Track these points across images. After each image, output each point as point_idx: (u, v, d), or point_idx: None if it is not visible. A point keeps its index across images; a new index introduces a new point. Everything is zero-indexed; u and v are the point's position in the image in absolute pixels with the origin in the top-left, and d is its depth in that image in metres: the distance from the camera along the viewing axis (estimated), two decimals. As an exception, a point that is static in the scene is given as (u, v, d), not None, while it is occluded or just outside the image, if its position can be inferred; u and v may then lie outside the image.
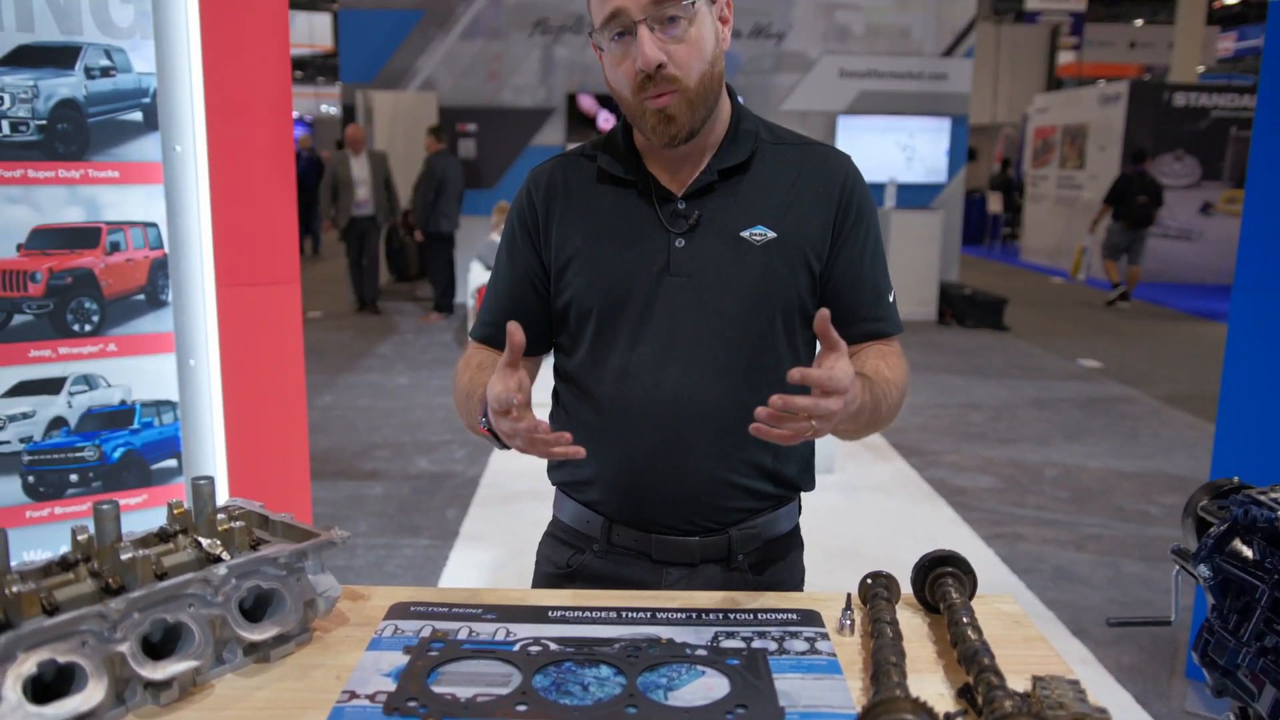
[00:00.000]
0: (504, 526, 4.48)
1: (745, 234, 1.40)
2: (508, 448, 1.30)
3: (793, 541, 1.55)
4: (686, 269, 1.39)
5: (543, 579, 1.57)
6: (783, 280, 1.40)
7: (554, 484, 1.57)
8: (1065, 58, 21.52)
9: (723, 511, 1.43)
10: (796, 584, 1.55)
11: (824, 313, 1.13)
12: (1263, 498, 1.11)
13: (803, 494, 1.55)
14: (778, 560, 1.51)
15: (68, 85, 2.10)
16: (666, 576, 1.45)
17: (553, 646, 1.12)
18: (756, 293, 1.40)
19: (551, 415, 1.55)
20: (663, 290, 1.40)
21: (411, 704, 1.00)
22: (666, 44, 1.31)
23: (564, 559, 1.53)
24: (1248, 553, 1.12)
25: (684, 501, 1.42)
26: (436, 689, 1.03)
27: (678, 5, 1.30)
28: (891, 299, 1.48)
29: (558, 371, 1.53)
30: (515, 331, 1.19)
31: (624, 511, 1.45)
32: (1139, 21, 23.65)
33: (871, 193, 1.49)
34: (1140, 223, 11.34)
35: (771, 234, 1.39)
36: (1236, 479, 1.27)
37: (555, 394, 1.54)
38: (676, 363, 1.40)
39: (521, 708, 0.99)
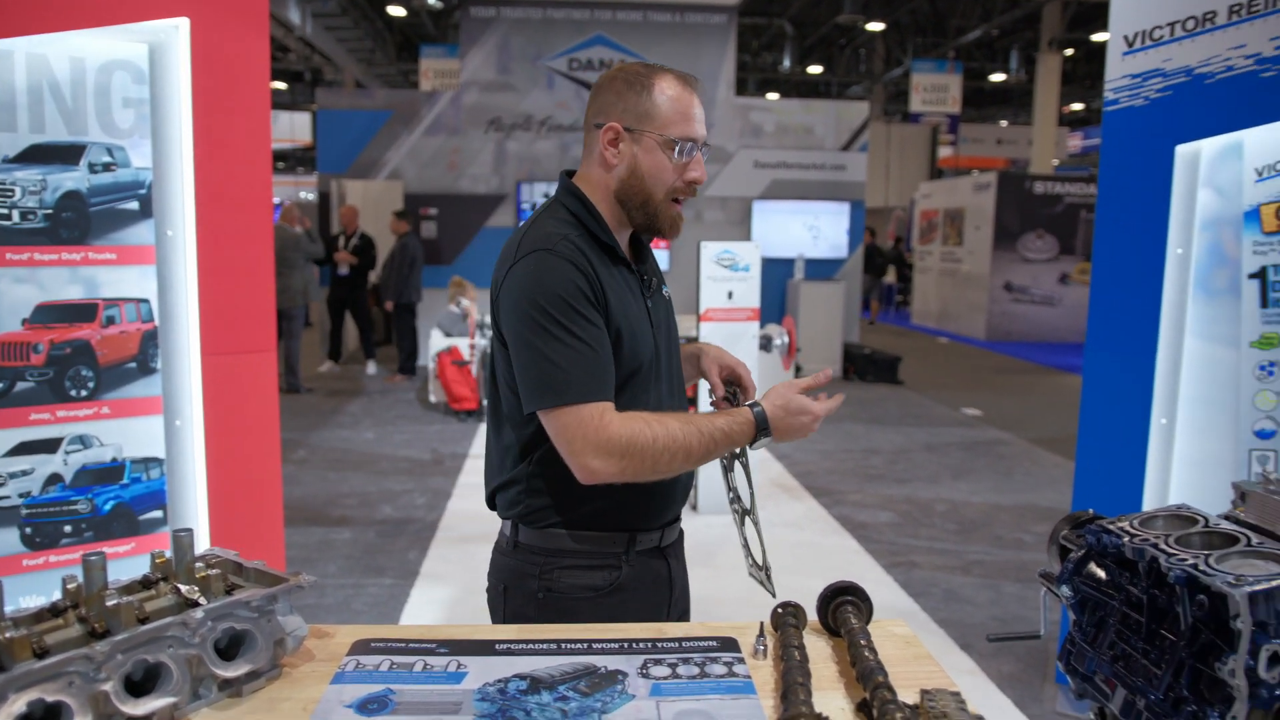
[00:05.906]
0: (460, 565, 4.40)
1: (664, 291, 1.62)
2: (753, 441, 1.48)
3: None
4: (657, 321, 1.56)
5: (575, 604, 1.48)
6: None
7: (568, 529, 1.49)
8: (944, 152, 22.24)
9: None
10: None
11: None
12: (1112, 527, 1.13)
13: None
14: None
15: (72, 179, 2.08)
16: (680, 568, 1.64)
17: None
18: (676, 331, 1.64)
19: None
20: (657, 340, 1.54)
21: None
22: None
23: (603, 581, 1.49)
24: (1101, 575, 1.13)
25: (684, 494, 1.61)
26: (393, 716, 1.01)
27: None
28: None
29: None
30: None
31: (648, 517, 1.53)
32: (1004, 122, 24.61)
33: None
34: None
35: (669, 290, 1.66)
36: (1091, 511, 1.29)
37: None
38: (676, 393, 1.60)
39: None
